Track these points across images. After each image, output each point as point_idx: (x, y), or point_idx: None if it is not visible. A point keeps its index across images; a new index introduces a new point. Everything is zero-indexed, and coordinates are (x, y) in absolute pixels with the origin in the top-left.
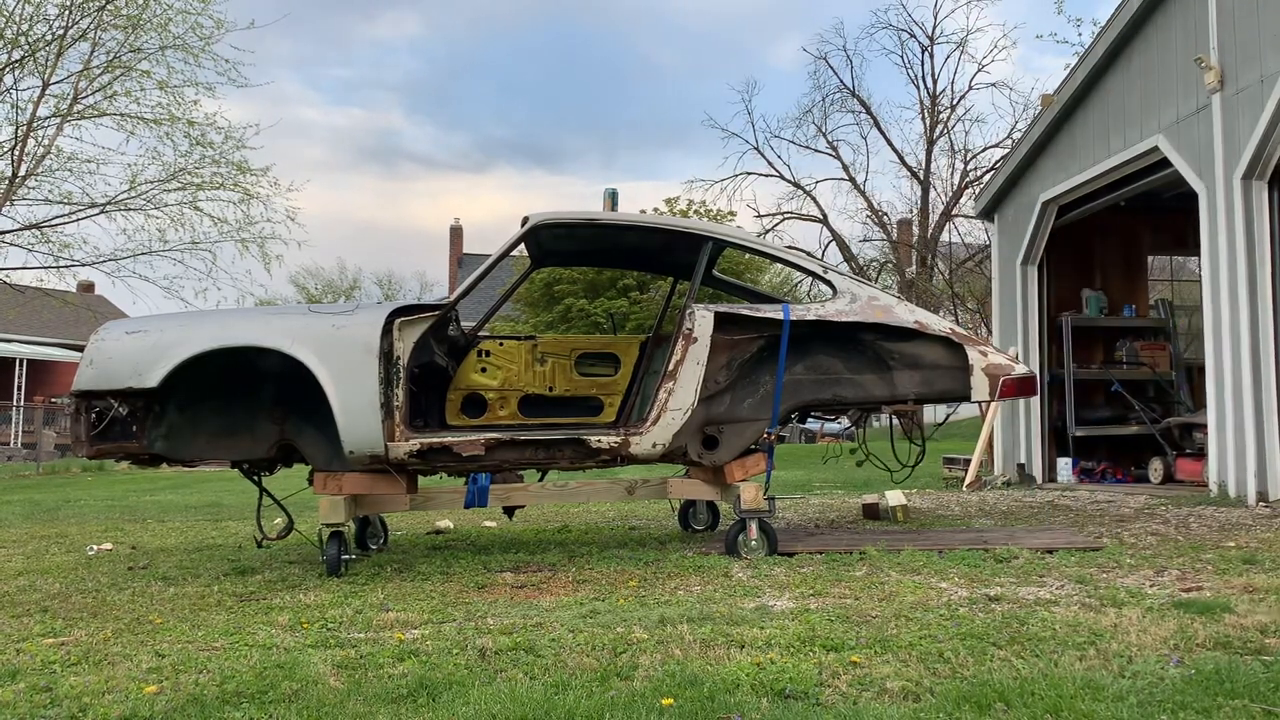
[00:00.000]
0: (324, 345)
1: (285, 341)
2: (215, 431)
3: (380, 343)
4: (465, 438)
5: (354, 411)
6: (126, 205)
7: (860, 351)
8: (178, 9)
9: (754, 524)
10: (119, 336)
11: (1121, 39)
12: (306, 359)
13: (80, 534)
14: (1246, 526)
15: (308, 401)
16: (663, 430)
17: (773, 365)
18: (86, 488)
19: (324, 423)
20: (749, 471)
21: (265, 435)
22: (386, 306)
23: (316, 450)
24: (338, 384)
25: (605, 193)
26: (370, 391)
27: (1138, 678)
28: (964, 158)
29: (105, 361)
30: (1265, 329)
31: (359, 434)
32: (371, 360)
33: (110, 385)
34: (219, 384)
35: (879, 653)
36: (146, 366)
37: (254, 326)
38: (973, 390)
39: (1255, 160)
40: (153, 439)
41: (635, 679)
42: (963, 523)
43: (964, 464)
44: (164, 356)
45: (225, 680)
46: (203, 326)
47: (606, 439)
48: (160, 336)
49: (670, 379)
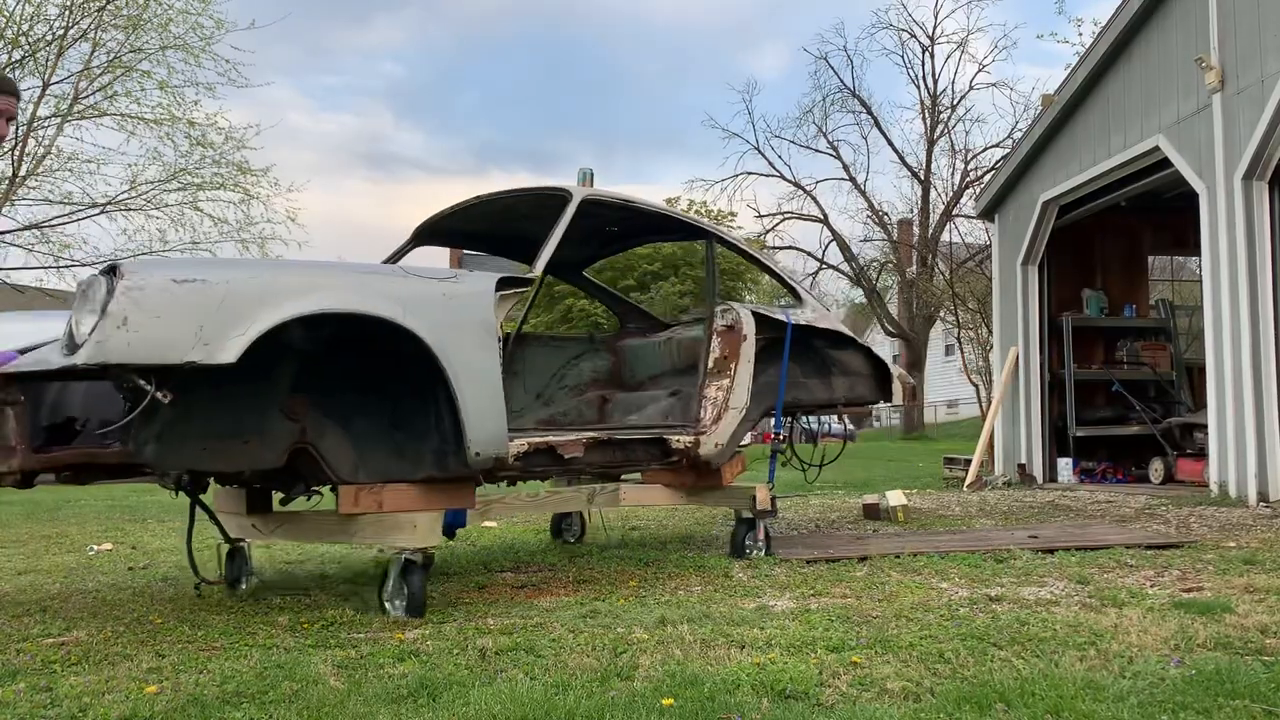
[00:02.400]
0: (440, 318)
1: (397, 310)
2: (214, 432)
3: (494, 319)
4: (567, 438)
5: (480, 405)
6: (127, 205)
7: (811, 358)
8: (178, 9)
9: (762, 525)
10: (165, 285)
11: (1121, 39)
12: (426, 335)
13: (80, 534)
14: (1247, 526)
15: (330, 393)
16: (724, 430)
17: (759, 367)
18: (87, 488)
19: (350, 420)
20: (735, 472)
21: (280, 437)
22: (489, 275)
23: (341, 456)
24: (462, 368)
25: (580, 172)
26: (495, 379)
27: (1138, 678)
28: (964, 158)
29: (149, 322)
30: (1266, 329)
31: (487, 431)
32: (492, 340)
33: (158, 358)
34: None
35: (879, 653)
36: (217, 331)
37: (350, 287)
38: (894, 394)
39: (1256, 160)
40: (142, 442)
41: (635, 679)
42: (963, 523)
43: (964, 464)
44: (242, 318)
45: (225, 680)
46: (280, 280)
47: (684, 439)
48: (230, 289)
49: (723, 376)
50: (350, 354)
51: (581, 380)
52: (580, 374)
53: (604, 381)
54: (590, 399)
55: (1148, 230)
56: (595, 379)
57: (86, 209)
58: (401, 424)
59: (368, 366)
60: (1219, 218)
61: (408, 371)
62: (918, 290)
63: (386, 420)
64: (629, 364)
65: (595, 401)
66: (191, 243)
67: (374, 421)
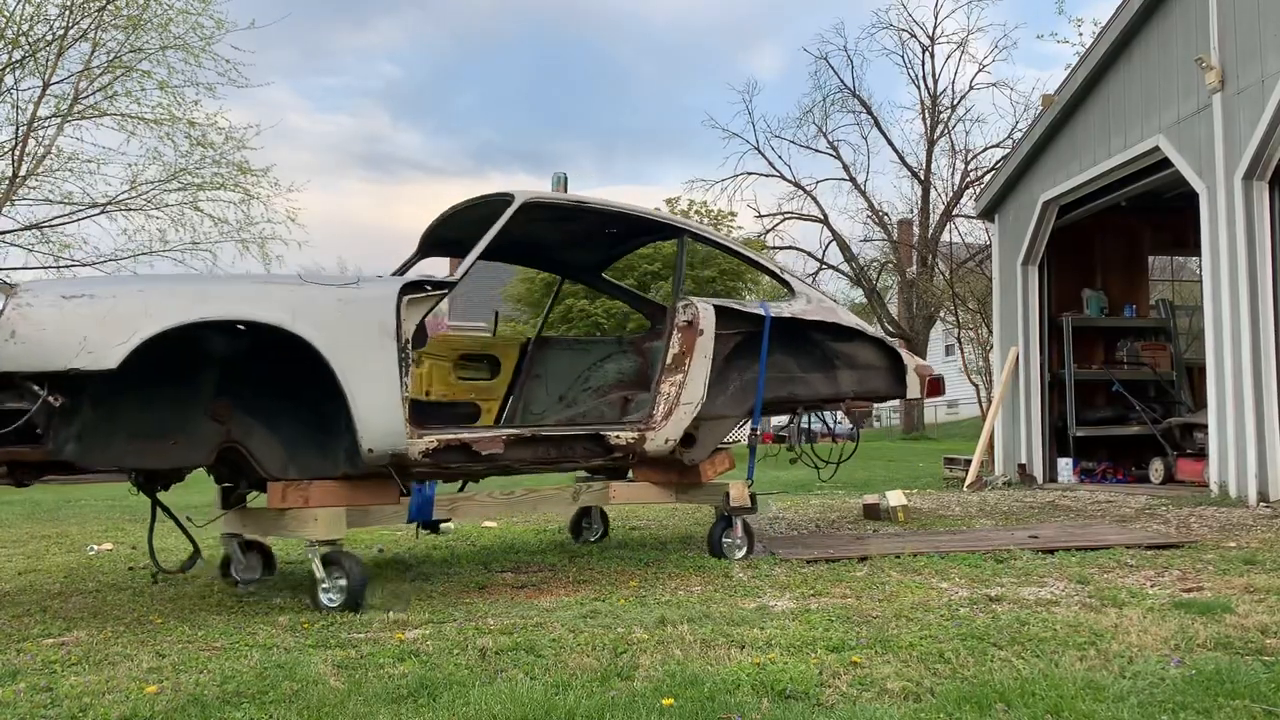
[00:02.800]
0: (332, 322)
1: (285, 316)
2: (139, 432)
3: (395, 322)
4: (483, 434)
5: (373, 404)
6: (127, 205)
7: (809, 352)
8: (178, 9)
9: (740, 522)
10: (54, 301)
11: (1122, 39)
12: (314, 339)
13: (80, 534)
14: (1247, 526)
15: (258, 395)
16: (675, 426)
17: (741, 363)
18: (86, 487)
19: (278, 421)
20: (718, 470)
21: (205, 437)
22: (393, 281)
23: (270, 454)
24: (352, 370)
25: (555, 177)
26: (391, 380)
27: (1138, 678)
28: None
29: (36, 333)
30: (1266, 329)
31: (380, 430)
32: (390, 342)
33: (44, 365)
34: (142, 369)
35: (879, 653)
36: (100, 341)
37: (242, 297)
38: (908, 388)
39: (1256, 160)
40: (62, 441)
41: (636, 679)
42: (963, 523)
43: (964, 464)
44: (123, 328)
45: (226, 680)
46: (173, 293)
47: (625, 435)
48: (115, 304)
49: (678, 372)
50: (276, 360)
51: (606, 382)
52: (605, 375)
53: (629, 382)
54: (613, 400)
55: (1148, 230)
56: (620, 380)
57: (86, 209)
58: (325, 425)
59: (292, 373)
60: (1219, 218)
61: (322, 375)
62: (918, 290)
63: (313, 422)
64: (654, 364)
65: (618, 402)
66: (192, 243)
67: (302, 423)
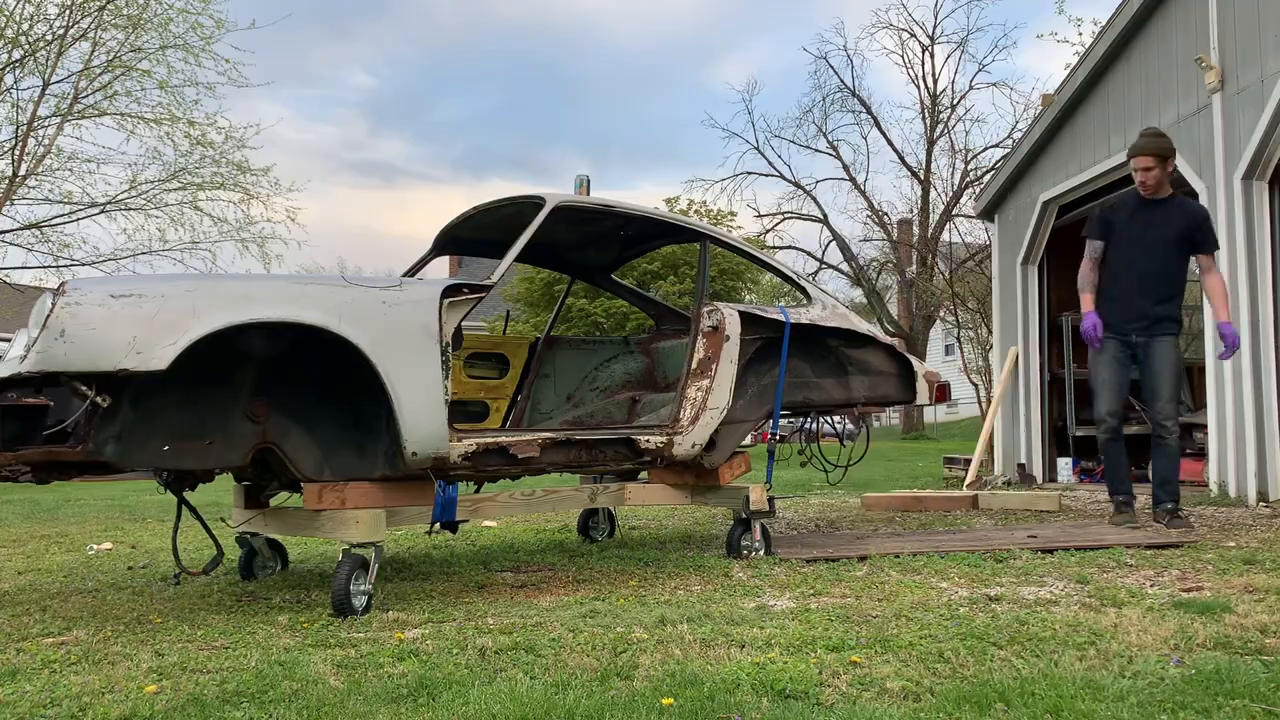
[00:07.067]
0: (377, 324)
1: (332, 318)
2: (178, 432)
3: (438, 324)
4: (520, 437)
5: (417, 406)
6: (126, 205)
7: (824, 357)
8: (178, 8)
9: (759, 525)
10: (103, 300)
11: (1122, 39)
12: (361, 341)
13: (80, 534)
14: (1247, 526)
15: (294, 395)
16: (702, 430)
17: (760, 367)
18: (86, 487)
19: (314, 422)
20: (735, 473)
21: (243, 437)
22: (435, 283)
23: (306, 455)
24: (397, 373)
25: (578, 179)
26: (435, 382)
27: (1138, 678)
28: (964, 158)
29: (85, 333)
30: (1265, 329)
31: (424, 433)
32: (433, 345)
33: (92, 365)
34: (180, 369)
35: (879, 652)
36: (149, 341)
37: (287, 297)
38: (918, 394)
39: (1256, 160)
40: (102, 442)
41: (635, 678)
42: (963, 523)
43: (964, 464)
44: (173, 329)
45: (225, 680)
46: (218, 293)
47: (654, 439)
48: (164, 304)
49: (704, 377)
50: (314, 361)
51: (613, 382)
52: (612, 376)
53: (636, 383)
54: (621, 400)
55: None
56: (628, 381)
57: (86, 208)
58: (363, 425)
59: (331, 373)
60: (1218, 218)
61: (363, 376)
62: (917, 290)
63: (350, 422)
64: (660, 365)
65: (625, 403)
66: (191, 242)
67: (339, 423)
